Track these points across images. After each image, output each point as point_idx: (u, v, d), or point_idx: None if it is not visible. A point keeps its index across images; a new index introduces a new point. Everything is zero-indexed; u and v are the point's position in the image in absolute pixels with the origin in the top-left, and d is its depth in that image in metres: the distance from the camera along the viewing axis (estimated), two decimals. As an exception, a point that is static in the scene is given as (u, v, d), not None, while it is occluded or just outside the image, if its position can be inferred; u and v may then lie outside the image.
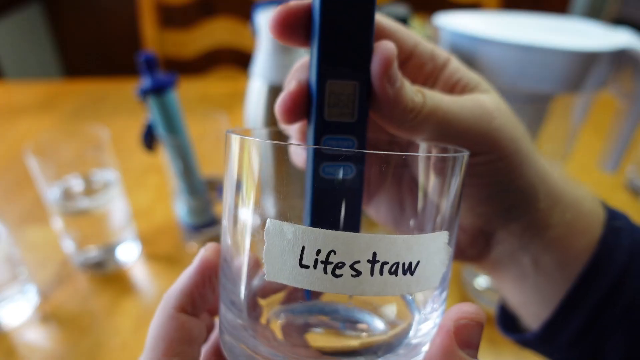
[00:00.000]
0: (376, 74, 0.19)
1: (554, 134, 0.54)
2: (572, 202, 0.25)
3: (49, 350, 0.43)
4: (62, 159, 0.49)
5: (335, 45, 0.19)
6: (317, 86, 0.19)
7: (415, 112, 0.20)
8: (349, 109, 0.20)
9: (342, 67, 0.19)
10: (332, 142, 0.20)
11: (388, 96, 0.19)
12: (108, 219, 0.51)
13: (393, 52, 0.19)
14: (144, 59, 0.45)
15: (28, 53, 1.89)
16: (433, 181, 0.19)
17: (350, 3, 0.19)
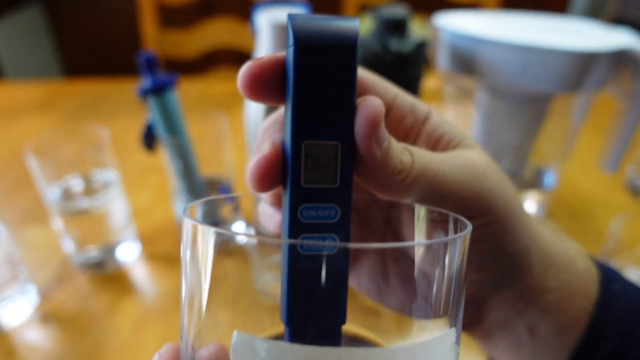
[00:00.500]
0: (362, 134, 0.17)
1: (554, 134, 0.54)
2: (565, 262, 0.24)
3: (49, 350, 0.43)
4: (62, 159, 0.49)
5: (312, 101, 0.17)
6: (292, 148, 0.17)
7: (404, 174, 0.18)
8: (330, 173, 0.17)
9: (321, 126, 0.17)
10: (310, 212, 0.17)
11: (375, 158, 0.17)
12: (108, 219, 0.51)
13: (380, 110, 0.17)
14: (144, 59, 0.45)
15: (28, 53, 1.89)
16: (429, 258, 0.17)
17: (328, 52, 0.17)
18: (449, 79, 0.59)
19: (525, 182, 0.58)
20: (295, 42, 0.16)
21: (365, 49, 0.44)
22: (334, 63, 0.17)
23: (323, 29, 0.17)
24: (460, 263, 0.17)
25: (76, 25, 2.04)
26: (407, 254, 0.22)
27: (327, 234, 0.17)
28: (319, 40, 0.16)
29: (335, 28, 0.17)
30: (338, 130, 0.17)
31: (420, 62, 0.45)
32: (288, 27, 0.17)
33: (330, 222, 0.17)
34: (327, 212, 0.17)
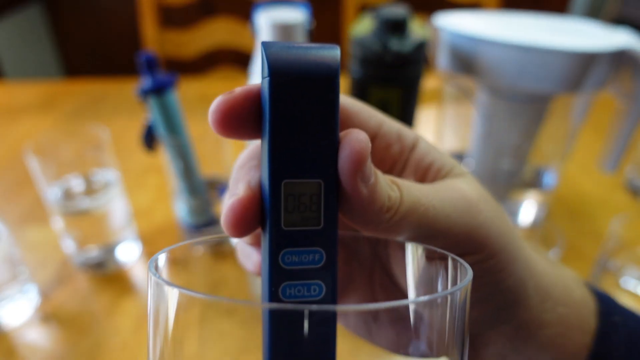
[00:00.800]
0: (346, 171, 0.16)
1: (554, 134, 0.54)
2: (562, 292, 0.23)
3: (49, 350, 0.43)
4: (62, 159, 0.49)
5: (290, 136, 0.15)
6: (270, 187, 0.16)
7: (393, 210, 0.17)
8: (313, 213, 0.16)
9: (301, 163, 0.16)
10: (293, 257, 0.16)
11: (361, 196, 0.16)
12: (108, 219, 0.51)
13: (366, 145, 0.16)
14: (145, 59, 0.45)
15: (28, 53, 1.89)
16: (429, 302, 0.16)
17: (306, 83, 0.15)
18: (449, 79, 0.59)
19: (525, 182, 0.58)
20: (270, 73, 0.15)
21: (365, 49, 0.44)
22: (313, 95, 0.15)
23: (300, 58, 0.15)
24: (462, 306, 0.16)
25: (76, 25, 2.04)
26: (401, 291, 0.21)
27: (312, 280, 0.16)
28: (295, 70, 0.15)
29: (313, 57, 0.15)
30: (320, 167, 0.16)
31: (420, 62, 0.45)
32: (262, 56, 0.15)
33: (315, 267, 0.16)
34: (311, 256, 0.16)
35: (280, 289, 0.16)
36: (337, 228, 0.16)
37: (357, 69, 0.45)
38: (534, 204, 0.59)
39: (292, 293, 0.16)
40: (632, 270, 0.46)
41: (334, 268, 0.16)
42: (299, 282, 0.16)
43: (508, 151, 0.54)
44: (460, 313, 0.16)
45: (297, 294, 0.16)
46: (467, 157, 0.59)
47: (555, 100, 0.51)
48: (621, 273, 0.47)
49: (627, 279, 0.46)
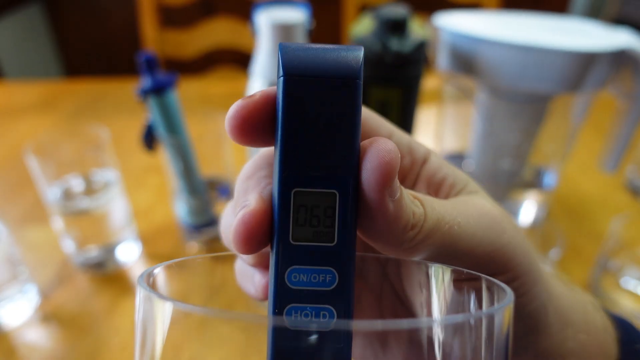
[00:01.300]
0: (374, 185, 0.14)
1: (554, 134, 0.54)
2: (582, 319, 0.22)
3: (49, 350, 0.43)
4: (62, 159, 0.49)
5: (303, 141, 0.14)
6: (279, 197, 0.14)
7: (417, 229, 0.15)
8: (326, 228, 0.14)
9: (315, 171, 0.14)
10: (300, 276, 0.14)
11: (387, 213, 0.14)
12: (108, 219, 0.51)
13: (396, 156, 0.14)
14: (145, 59, 0.45)
15: (28, 53, 1.89)
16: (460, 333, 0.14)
17: (323, 84, 0.14)
18: (449, 79, 0.59)
19: (525, 182, 0.58)
20: (284, 72, 0.14)
21: (365, 49, 0.43)
22: (331, 96, 0.14)
23: (319, 58, 0.14)
24: (501, 335, 0.14)
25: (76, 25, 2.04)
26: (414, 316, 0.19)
27: (322, 304, 0.14)
28: (312, 69, 0.14)
29: (334, 57, 0.14)
30: (337, 177, 0.14)
31: (420, 62, 0.45)
32: (278, 56, 0.14)
33: (326, 289, 0.14)
34: (321, 277, 0.14)
35: (285, 312, 0.14)
36: (354, 248, 0.14)
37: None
38: (534, 204, 0.59)
39: (298, 318, 0.14)
40: (632, 270, 0.46)
41: (348, 293, 0.14)
42: (306, 305, 0.14)
43: (508, 151, 0.54)
44: (499, 343, 0.14)
45: (304, 319, 0.14)
46: (467, 157, 0.59)
47: (555, 100, 0.51)
48: (621, 273, 0.47)
49: (627, 279, 0.46)
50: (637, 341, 0.23)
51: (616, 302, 0.45)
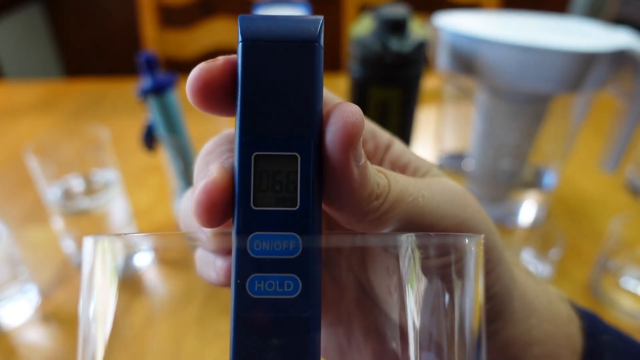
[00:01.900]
0: (338, 146, 0.14)
1: (554, 134, 0.54)
2: (547, 309, 0.22)
3: (49, 350, 0.43)
4: (63, 159, 0.49)
5: (264, 104, 0.14)
6: (240, 162, 0.14)
7: (382, 198, 0.15)
8: (289, 193, 0.14)
9: (275, 135, 0.14)
10: (263, 244, 0.14)
11: (352, 178, 0.14)
12: (108, 219, 0.51)
13: (361, 118, 0.14)
14: (145, 59, 0.45)
15: (28, 53, 1.89)
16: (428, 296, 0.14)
17: (281, 48, 0.14)
18: (449, 79, 0.59)
19: (525, 182, 0.58)
20: (243, 38, 0.14)
21: (365, 49, 0.44)
22: (291, 60, 0.14)
23: (277, 24, 0.14)
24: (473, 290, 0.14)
25: (76, 25, 2.04)
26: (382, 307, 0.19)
27: (286, 273, 0.13)
28: (271, 33, 0.14)
29: (292, 23, 0.14)
30: (297, 140, 0.14)
31: (420, 62, 0.45)
32: (238, 25, 0.14)
33: (289, 257, 0.14)
34: (285, 243, 0.14)
35: (248, 282, 0.13)
36: (319, 214, 0.14)
37: (357, 69, 0.45)
38: (534, 204, 0.59)
39: (261, 288, 0.13)
40: (632, 270, 0.46)
41: (313, 260, 0.14)
42: (270, 274, 0.13)
43: (508, 151, 0.54)
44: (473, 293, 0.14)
45: (268, 289, 0.13)
46: (467, 157, 0.59)
47: (555, 100, 0.51)
48: (621, 273, 0.47)
49: (627, 279, 0.46)
50: (602, 332, 0.23)
51: (616, 302, 0.45)
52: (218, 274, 0.16)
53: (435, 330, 0.14)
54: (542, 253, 0.47)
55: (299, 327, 0.13)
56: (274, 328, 0.13)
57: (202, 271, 0.17)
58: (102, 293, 0.15)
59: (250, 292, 0.13)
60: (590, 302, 0.47)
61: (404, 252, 0.16)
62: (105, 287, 0.15)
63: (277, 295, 0.13)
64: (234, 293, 0.13)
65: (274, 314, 0.13)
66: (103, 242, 0.14)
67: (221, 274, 0.16)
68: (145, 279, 0.17)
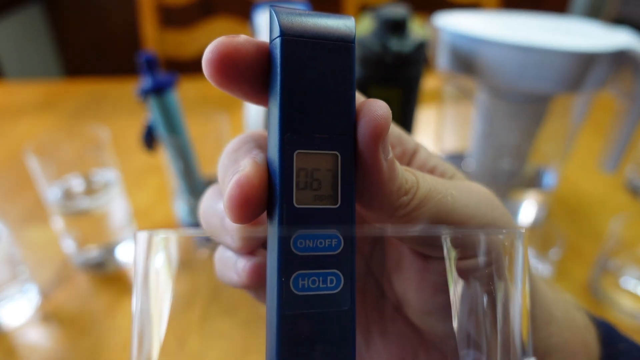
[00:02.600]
0: (368, 140, 0.14)
1: (554, 134, 0.54)
2: (565, 317, 0.22)
3: (49, 350, 0.43)
4: (63, 159, 0.49)
5: (304, 103, 0.14)
6: (281, 160, 0.14)
7: (411, 194, 0.15)
8: (329, 191, 0.14)
9: (316, 133, 0.14)
10: (307, 242, 0.14)
11: (382, 170, 0.14)
12: (108, 219, 0.51)
13: (388, 113, 0.14)
14: (145, 59, 0.45)
15: (28, 53, 1.89)
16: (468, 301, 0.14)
17: (322, 46, 0.14)
18: (449, 79, 0.59)
19: (525, 182, 0.58)
20: (283, 33, 0.14)
21: (365, 49, 0.44)
22: (328, 59, 0.14)
23: (314, 21, 0.14)
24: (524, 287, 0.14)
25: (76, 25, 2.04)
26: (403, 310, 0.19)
27: (329, 269, 0.14)
28: (309, 32, 0.14)
29: (328, 21, 0.14)
30: (337, 139, 0.14)
31: (420, 62, 0.45)
32: (272, 18, 0.14)
33: (332, 253, 0.14)
34: (327, 241, 0.14)
35: (292, 280, 0.13)
36: (355, 210, 0.14)
37: (357, 68, 0.45)
38: (534, 204, 0.59)
39: (305, 285, 0.13)
40: (632, 270, 0.46)
41: (352, 256, 0.14)
42: (313, 271, 0.14)
43: (508, 151, 0.54)
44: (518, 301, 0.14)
45: (312, 286, 0.14)
46: (467, 157, 0.59)
47: (555, 100, 0.51)
48: (621, 273, 0.47)
49: (627, 279, 0.46)
50: (619, 341, 0.23)
51: (616, 302, 0.45)
52: (240, 275, 0.16)
53: (476, 335, 0.14)
54: (542, 253, 0.47)
55: (341, 320, 0.14)
56: (318, 323, 0.13)
57: (222, 273, 0.17)
58: (158, 289, 0.15)
59: (295, 289, 0.13)
60: (590, 302, 0.47)
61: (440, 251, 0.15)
62: (161, 284, 0.15)
63: (320, 291, 0.14)
64: (277, 291, 0.13)
65: (318, 310, 0.13)
66: (156, 238, 0.15)
67: (243, 275, 0.16)
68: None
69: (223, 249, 0.18)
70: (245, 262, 0.16)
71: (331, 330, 0.14)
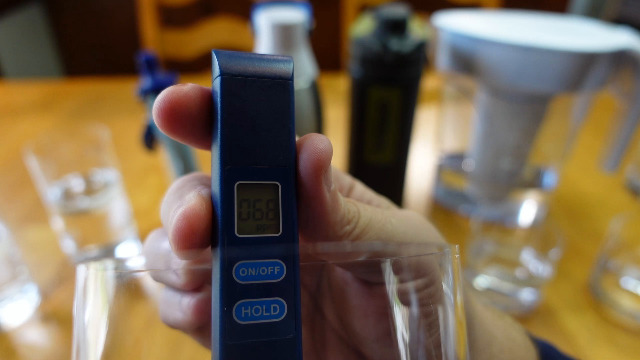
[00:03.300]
0: (310, 171, 0.14)
1: (554, 134, 0.54)
2: (505, 336, 0.22)
3: (49, 350, 0.43)
4: (63, 159, 0.49)
5: (244, 136, 0.14)
6: (222, 191, 0.14)
7: (353, 223, 0.16)
8: (271, 220, 0.14)
9: (256, 165, 0.14)
10: (249, 270, 0.14)
11: (325, 202, 0.15)
12: (108, 219, 0.51)
13: (329, 146, 0.15)
14: (145, 59, 0.45)
15: (28, 53, 1.89)
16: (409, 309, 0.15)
17: (260, 83, 0.15)
18: (449, 79, 0.59)
19: (525, 182, 0.58)
20: (221, 72, 0.14)
21: (365, 49, 0.44)
22: (267, 96, 0.15)
23: (252, 62, 0.15)
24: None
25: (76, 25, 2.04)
26: (352, 339, 0.19)
27: (272, 297, 0.14)
28: (248, 70, 0.15)
29: (266, 62, 0.15)
30: (277, 170, 0.14)
31: (420, 62, 0.45)
32: (213, 60, 0.15)
33: (275, 281, 0.14)
34: (270, 269, 0.14)
35: (235, 309, 0.13)
36: (297, 238, 0.15)
37: (357, 69, 0.45)
38: (534, 204, 0.59)
39: (248, 314, 0.13)
40: (632, 270, 0.46)
41: (295, 282, 0.14)
42: (256, 300, 0.14)
43: (508, 151, 0.54)
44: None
45: (255, 314, 0.14)
46: (467, 157, 0.59)
47: (555, 100, 0.51)
48: (621, 273, 0.47)
49: (627, 279, 0.46)
50: (559, 359, 0.23)
51: (616, 302, 0.45)
52: (185, 313, 0.16)
53: (422, 357, 0.15)
54: (542, 253, 0.47)
55: (285, 348, 0.14)
56: (262, 352, 0.13)
57: (165, 314, 0.17)
58: (94, 322, 0.15)
59: (237, 318, 0.13)
60: (590, 302, 0.47)
61: (382, 276, 0.16)
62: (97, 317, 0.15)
63: (264, 319, 0.14)
64: (219, 321, 0.13)
65: (262, 339, 0.13)
66: (94, 270, 0.15)
67: (188, 312, 0.16)
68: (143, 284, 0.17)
69: (167, 291, 0.17)
70: (190, 298, 0.16)
71: (275, 359, 0.13)
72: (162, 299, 0.17)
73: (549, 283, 0.48)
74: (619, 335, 0.43)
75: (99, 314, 0.15)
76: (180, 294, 0.17)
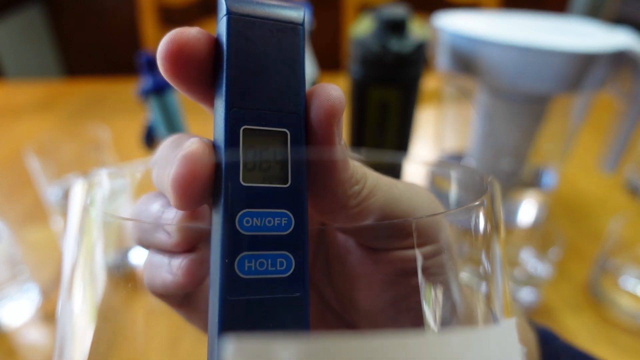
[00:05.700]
0: (322, 120, 0.13)
1: (554, 134, 0.54)
2: None
3: (49, 350, 0.43)
4: (63, 159, 0.49)
5: (252, 79, 0.13)
6: (227, 135, 0.13)
7: (362, 183, 0.15)
8: (279, 171, 0.13)
9: (263, 111, 0.13)
10: (254, 220, 0.13)
11: (336, 149, 0.14)
12: (108, 219, 0.51)
13: (342, 94, 0.14)
14: (144, 59, 0.45)
15: (28, 53, 1.89)
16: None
17: (269, 25, 0.14)
18: (448, 79, 0.59)
19: (525, 182, 0.58)
20: (228, 11, 0.13)
21: (365, 49, 0.44)
22: (276, 38, 0.14)
23: (262, 5, 0.14)
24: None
25: (76, 25, 2.04)
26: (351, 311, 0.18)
27: (278, 251, 0.13)
28: (256, 11, 0.14)
29: (276, 6, 0.14)
30: (286, 116, 0.13)
31: (420, 62, 0.45)
32: (219, 1, 0.14)
33: (281, 234, 0.13)
34: (276, 220, 0.13)
35: (237, 262, 0.12)
36: (306, 190, 0.13)
37: (357, 69, 0.45)
38: (534, 204, 0.59)
39: (252, 267, 0.12)
40: (632, 270, 0.46)
41: (304, 237, 0.13)
42: (261, 252, 0.12)
43: (508, 151, 0.54)
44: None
45: (260, 268, 0.12)
46: (467, 157, 0.60)
47: (555, 100, 0.51)
48: (621, 273, 0.47)
49: (627, 279, 0.46)
50: (557, 339, 0.24)
51: (616, 302, 0.45)
52: (175, 274, 0.14)
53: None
54: (542, 253, 0.47)
55: (292, 308, 0.13)
56: (266, 310, 0.12)
57: (152, 277, 0.15)
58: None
59: (240, 272, 0.12)
60: (590, 302, 0.47)
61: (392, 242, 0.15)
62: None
63: (268, 274, 0.12)
64: (220, 275, 0.12)
65: (266, 295, 0.12)
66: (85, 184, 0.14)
67: (179, 272, 0.14)
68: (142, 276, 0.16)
69: (153, 255, 0.16)
70: (181, 259, 0.15)
71: (281, 319, 0.12)
72: (148, 262, 0.16)
73: (548, 283, 0.48)
74: (618, 335, 0.43)
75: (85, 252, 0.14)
76: (169, 257, 0.15)
